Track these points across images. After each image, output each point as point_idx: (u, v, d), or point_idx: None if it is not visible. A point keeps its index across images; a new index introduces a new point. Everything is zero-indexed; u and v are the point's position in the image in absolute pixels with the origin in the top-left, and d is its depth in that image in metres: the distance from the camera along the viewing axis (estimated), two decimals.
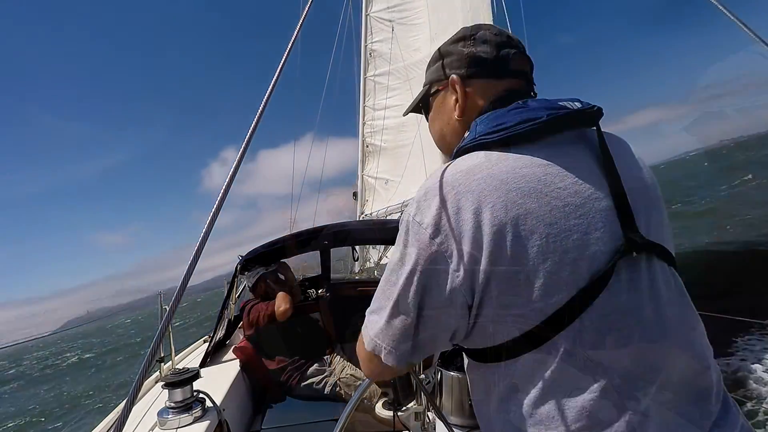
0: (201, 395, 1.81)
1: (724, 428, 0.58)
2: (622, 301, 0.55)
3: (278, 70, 0.88)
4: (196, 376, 1.82)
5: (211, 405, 1.80)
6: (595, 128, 0.64)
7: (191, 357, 3.05)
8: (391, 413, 1.39)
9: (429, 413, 1.20)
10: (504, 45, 0.71)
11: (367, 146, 7.78)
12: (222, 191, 0.72)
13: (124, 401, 0.56)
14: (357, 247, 5.66)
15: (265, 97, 0.84)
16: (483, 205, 0.55)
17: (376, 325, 0.64)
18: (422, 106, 0.83)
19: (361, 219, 7.28)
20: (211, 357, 2.67)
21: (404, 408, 1.30)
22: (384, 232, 3.17)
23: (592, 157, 0.61)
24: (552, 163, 0.58)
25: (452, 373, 1.03)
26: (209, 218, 0.68)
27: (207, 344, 2.80)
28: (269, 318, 2.45)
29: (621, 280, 0.55)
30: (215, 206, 0.70)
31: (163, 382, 1.76)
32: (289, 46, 0.92)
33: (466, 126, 0.70)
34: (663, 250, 0.60)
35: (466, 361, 0.72)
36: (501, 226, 0.54)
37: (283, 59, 0.90)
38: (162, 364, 2.48)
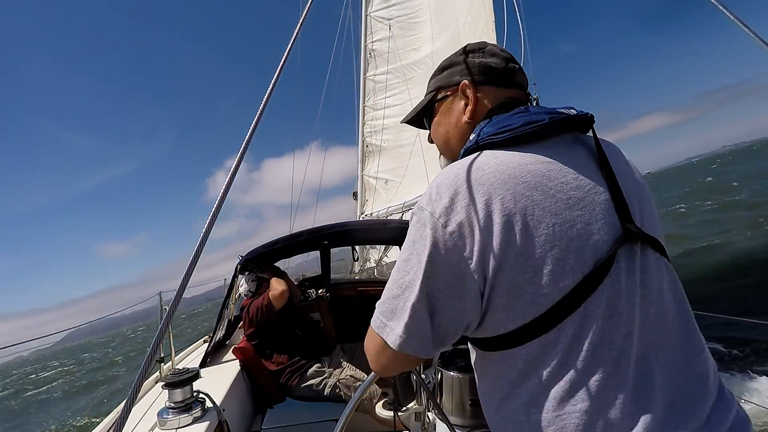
0: (201, 395, 1.81)
1: (721, 413, 0.60)
2: (622, 287, 0.58)
3: (278, 70, 0.87)
4: (196, 376, 1.82)
5: (211, 405, 1.80)
6: (589, 132, 0.70)
7: (191, 357, 3.05)
8: (391, 413, 1.40)
9: (429, 413, 1.20)
10: (510, 60, 0.79)
11: (367, 146, 7.78)
12: (224, 187, 0.72)
13: (124, 401, 0.56)
14: (357, 247, 5.66)
15: (265, 97, 0.84)
16: (493, 197, 0.59)
17: (389, 315, 0.64)
18: (425, 112, 0.87)
19: (361, 219, 7.28)
20: (211, 357, 2.67)
21: (404, 408, 1.30)
22: (384, 232, 3.16)
23: (590, 157, 0.66)
24: (554, 160, 0.63)
25: (452, 373, 1.03)
26: (210, 215, 0.68)
27: (207, 344, 2.80)
28: (267, 308, 2.43)
29: (621, 267, 0.59)
30: (217, 201, 0.70)
31: (163, 382, 1.76)
32: (288, 46, 0.92)
33: (472, 129, 0.75)
34: (656, 242, 0.64)
35: (473, 353, 0.72)
36: (510, 216, 0.58)
37: (283, 59, 0.90)
38: (162, 364, 2.48)
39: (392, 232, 3.00)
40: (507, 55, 0.79)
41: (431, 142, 0.89)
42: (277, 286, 2.45)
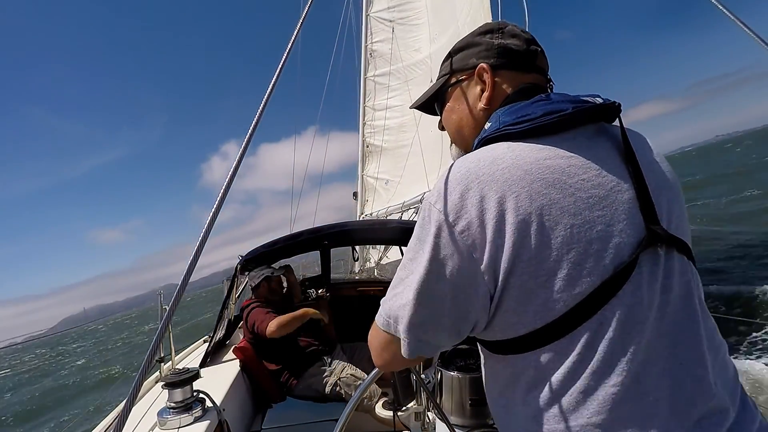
0: (201, 395, 1.81)
1: (744, 424, 0.57)
2: (643, 294, 0.55)
3: (278, 70, 0.87)
4: (196, 376, 1.82)
5: (211, 405, 1.80)
6: (615, 123, 0.65)
7: (191, 357, 3.04)
8: (391, 413, 1.39)
9: (429, 413, 1.20)
10: (532, 42, 0.73)
11: (368, 146, 7.79)
12: (221, 192, 0.72)
13: (124, 401, 0.56)
14: (357, 247, 5.66)
15: (265, 97, 0.84)
16: (507, 195, 0.55)
17: (393, 311, 0.62)
18: (437, 97, 0.82)
19: (361, 219, 7.28)
20: (211, 357, 2.67)
21: (404, 408, 1.30)
22: (384, 232, 3.17)
23: (614, 151, 0.61)
24: (575, 155, 0.58)
25: (452, 373, 1.03)
26: (209, 218, 0.68)
27: (207, 344, 2.80)
28: (260, 331, 2.39)
29: (643, 272, 0.55)
30: (215, 207, 0.70)
31: (163, 382, 1.76)
32: (289, 46, 0.92)
33: (487, 117, 0.69)
34: (683, 245, 0.60)
35: (482, 354, 0.70)
36: (526, 216, 0.54)
37: (283, 58, 0.90)
38: (162, 364, 2.48)
39: (392, 232, 3.00)
40: (528, 37, 0.73)
41: (442, 129, 0.83)
42: (274, 326, 2.33)
